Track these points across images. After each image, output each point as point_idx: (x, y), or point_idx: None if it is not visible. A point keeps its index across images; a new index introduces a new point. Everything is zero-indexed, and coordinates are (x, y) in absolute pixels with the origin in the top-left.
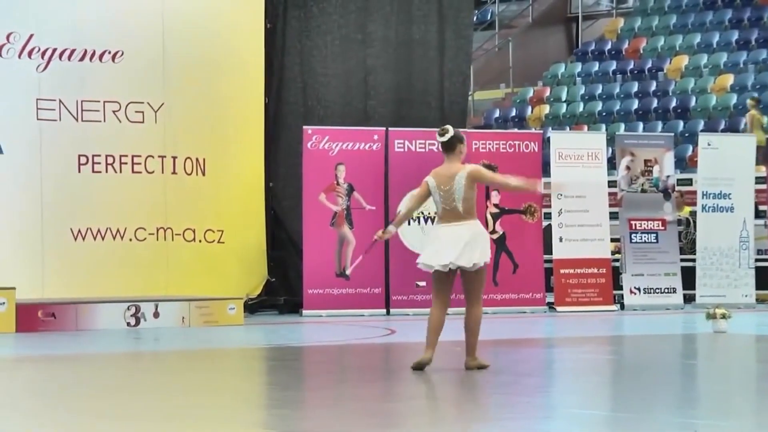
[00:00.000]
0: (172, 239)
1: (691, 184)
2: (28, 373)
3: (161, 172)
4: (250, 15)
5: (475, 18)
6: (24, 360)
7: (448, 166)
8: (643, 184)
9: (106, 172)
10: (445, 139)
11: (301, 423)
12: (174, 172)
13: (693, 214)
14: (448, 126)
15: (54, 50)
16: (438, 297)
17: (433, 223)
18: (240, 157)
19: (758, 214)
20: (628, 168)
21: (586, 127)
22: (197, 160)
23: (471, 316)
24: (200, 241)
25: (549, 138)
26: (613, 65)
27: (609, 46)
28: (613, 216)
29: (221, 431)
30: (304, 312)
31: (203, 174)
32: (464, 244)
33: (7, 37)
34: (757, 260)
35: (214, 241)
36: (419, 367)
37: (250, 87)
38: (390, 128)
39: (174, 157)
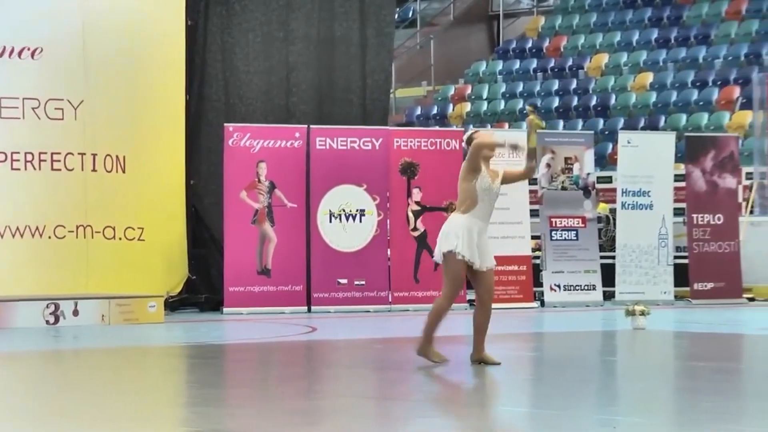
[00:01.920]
0: (92, 237)
1: (611, 182)
2: None
3: (81, 170)
4: (171, 12)
5: (396, 16)
6: None
7: None
8: (563, 182)
9: (26, 169)
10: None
11: (223, 421)
12: (94, 170)
13: (613, 211)
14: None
15: None
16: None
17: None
18: (161, 155)
19: (677, 212)
20: (548, 165)
21: (507, 125)
22: (117, 157)
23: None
24: (120, 238)
25: None
26: (534, 63)
27: (530, 44)
28: (534, 213)
29: (142, 429)
30: (225, 310)
31: (123, 171)
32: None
33: None
34: (675, 257)
35: (134, 238)
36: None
37: (171, 84)
38: (312, 126)
39: (94, 155)
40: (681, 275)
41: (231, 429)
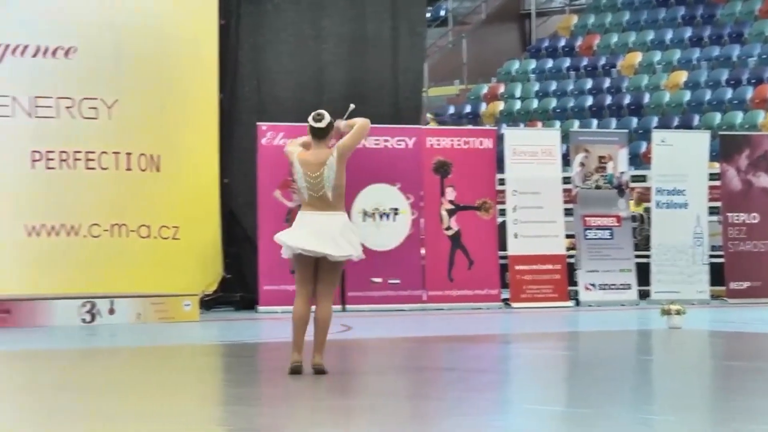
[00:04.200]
0: (127, 236)
1: (645, 181)
2: None
3: (115, 169)
4: (203, 11)
5: (428, 15)
6: None
7: (317, 152)
8: (597, 181)
9: (60, 168)
10: (322, 125)
11: (257, 419)
12: (128, 169)
13: (647, 210)
14: (323, 111)
15: (7, 46)
16: (302, 287)
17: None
18: (194, 154)
19: (712, 211)
20: (582, 164)
21: (540, 124)
22: (151, 156)
23: (324, 311)
24: (155, 237)
25: (503, 134)
26: (567, 62)
27: (563, 43)
28: (568, 212)
29: (177, 428)
30: (260, 308)
31: (158, 170)
32: (333, 234)
33: None
34: (711, 256)
35: (169, 237)
36: (295, 372)
37: (204, 83)
38: None
39: (128, 154)
40: (716, 274)
41: (265, 427)
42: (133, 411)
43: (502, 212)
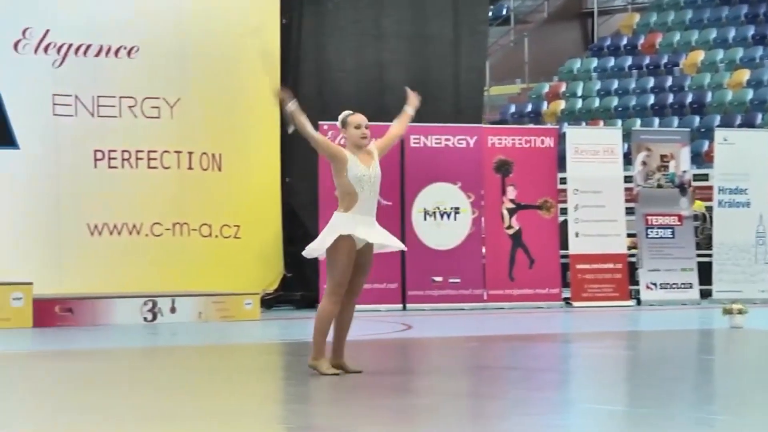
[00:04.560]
0: (189, 234)
1: (707, 180)
2: (43, 369)
3: (177, 168)
4: (265, 11)
5: (490, 13)
6: (40, 355)
7: None
8: (659, 180)
9: (122, 167)
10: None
11: (317, 418)
12: (190, 168)
13: (709, 209)
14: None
15: (70, 46)
16: None
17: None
18: (256, 153)
19: None
20: (644, 163)
21: (602, 123)
22: (213, 155)
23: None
24: (216, 236)
25: (565, 133)
26: (629, 60)
27: (624, 42)
28: (629, 211)
29: (237, 426)
30: None
31: (219, 170)
32: None
33: (23, 33)
34: None
35: (230, 236)
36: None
37: (265, 82)
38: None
39: (190, 153)
40: None
41: (325, 426)
42: (193, 409)
43: (564, 211)
